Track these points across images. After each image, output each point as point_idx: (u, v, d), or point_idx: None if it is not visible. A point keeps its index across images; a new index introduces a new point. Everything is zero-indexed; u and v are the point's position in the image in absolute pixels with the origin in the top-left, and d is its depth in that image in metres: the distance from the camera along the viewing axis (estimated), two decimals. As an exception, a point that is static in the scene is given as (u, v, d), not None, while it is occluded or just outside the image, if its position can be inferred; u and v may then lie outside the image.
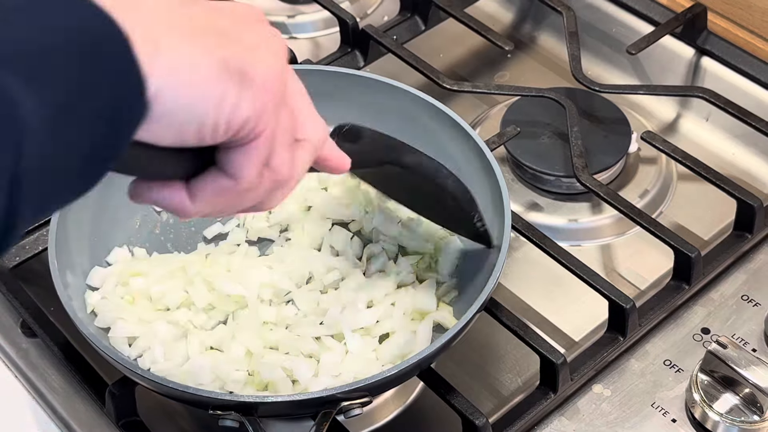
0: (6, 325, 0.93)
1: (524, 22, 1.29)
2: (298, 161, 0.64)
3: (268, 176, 0.61)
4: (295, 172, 0.64)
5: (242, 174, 0.59)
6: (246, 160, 0.59)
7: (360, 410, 0.77)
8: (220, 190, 0.60)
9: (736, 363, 0.83)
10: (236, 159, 0.59)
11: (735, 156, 1.12)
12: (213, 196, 0.60)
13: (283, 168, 0.62)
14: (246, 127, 0.57)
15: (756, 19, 1.15)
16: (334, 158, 0.72)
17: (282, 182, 0.62)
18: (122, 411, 0.85)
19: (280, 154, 0.61)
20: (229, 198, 0.61)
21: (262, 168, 0.60)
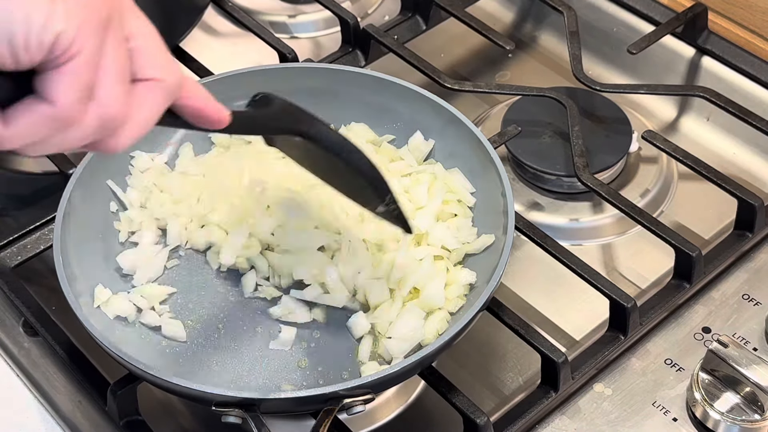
0: (8, 324, 0.93)
1: (525, 21, 1.29)
2: (140, 100, 0.60)
3: (95, 110, 0.57)
4: (136, 111, 0.60)
5: (57, 97, 0.55)
6: (61, 81, 0.55)
7: (362, 408, 0.77)
8: (35, 115, 0.56)
9: (737, 362, 0.83)
10: (51, 80, 0.55)
11: (736, 155, 1.12)
12: (28, 121, 0.56)
13: (112, 102, 0.57)
14: (60, 43, 0.54)
15: (756, 19, 1.15)
16: (208, 108, 0.67)
17: (116, 119, 0.58)
18: (124, 410, 0.85)
19: (109, 86, 0.57)
20: (48, 126, 0.56)
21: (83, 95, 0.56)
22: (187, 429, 0.90)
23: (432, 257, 0.89)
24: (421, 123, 0.97)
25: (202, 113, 0.67)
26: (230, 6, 1.19)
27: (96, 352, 0.86)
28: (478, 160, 0.92)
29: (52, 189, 0.98)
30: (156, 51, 0.61)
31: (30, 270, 0.97)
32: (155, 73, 0.61)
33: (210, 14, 1.26)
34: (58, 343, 0.90)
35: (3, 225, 1.00)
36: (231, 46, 1.26)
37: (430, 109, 0.96)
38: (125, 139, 0.60)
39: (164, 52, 0.62)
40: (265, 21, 1.27)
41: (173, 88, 0.62)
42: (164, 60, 0.61)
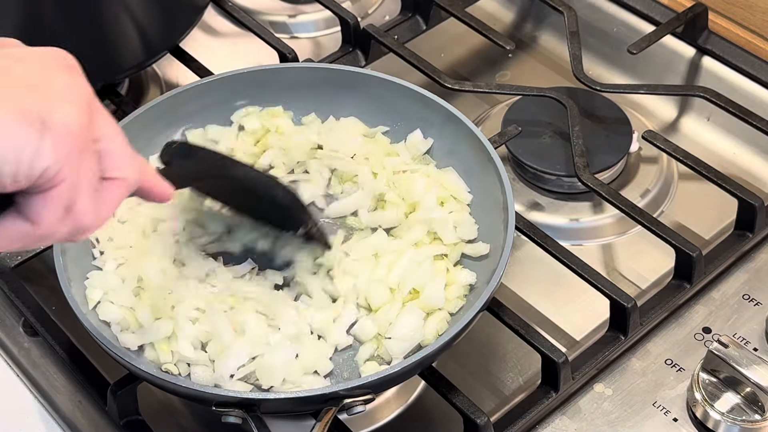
0: (8, 324, 0.93)
1: (525, 21, 1.29)
2: (106, 202, 0.64)
3: (70, 222, 0.61)
4: (101, 213, 0.64)
5: (40, 220, 0.60)
6: (45, 207, 0.59)
7: (362, 408, 0.78)
8: (17, 233, 0.61)
9: (738, 362, 0.83)
10: (35, 205, 0.59)
11: (736, 155, 1.12)
12: (9, 235, 0.61)
13: (85, 216, 0.62)
14: (46, 175, 0.58)
15: (757, 19, 1.15)
16: (156, 188, 0.72)
17: (84, 227, 0.63)
18: (124, 410, 0.85)
19: (83, 201, 0.61)
20: (27, 240, 0.61)
21: (63, 216, 0.61)
22: (187, 429, 0.90)
23: (432, 258, 0.89)
24: (422, 123, 0.97)
25: (151, 193, 0.72)
26: (230, 6, 1.19)
27: (96, 352, 0.86)
28: (478, 160, 0.92)
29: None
30: (121, 152, 0.65)
31: (30, 270, 0.97)
32: (120, 173, 0.65)
33: (210, 14, 1.26)
34: (58, 343, 0.90)
35: (3, 225, 1.00)
36: (231, 46, 1.26)
37: (430, 109, 0.96)
38: (87, 234, 0.64)
39: (127, 150, 0.66)
40: (265, 21, 1.27)
41: (135, 183, 0.67)
42: (128, 159, 0.66)
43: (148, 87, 1.20)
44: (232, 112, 1.00)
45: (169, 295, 0.85)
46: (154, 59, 1.11)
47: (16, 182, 0.57)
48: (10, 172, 0.56)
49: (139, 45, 1.08)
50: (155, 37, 1.10)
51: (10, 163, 0.56)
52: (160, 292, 0.85)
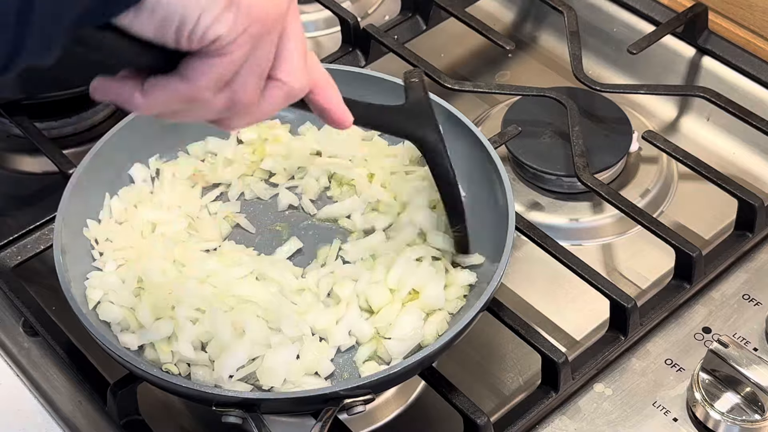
0: (8, 324, 0.93)
1: (525, 21, 1.29)
2: (266, 95, 0.66)
3: (227, 95, 0.63)
4: (259, 102, 0.66)
5: (195, 79, 0.61)
6: (203, 69, 0.61)
7: (363, 408, 0.78)
8: (171, 90, 0.62)
9: (738, 362, 0.83)
10: (195, 65, 0.61)
11: (736, 155, 1.12)
12: (163, 95, 0.62)
13: (244, 92, 0.64)
14: (217, 43, 0.60)
15: (757, 19, 1.15)
16: (335, 110, 0.74)
17: (241, 105, 0.64)
18: (124, 410, 0.85)
19: (246, 78, 0.63)
20: (179, 101, 0.63)
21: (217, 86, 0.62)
22: (187, 429, 0.90)
23: (430, 258, 0.89)
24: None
25: (327, 113, 0.74)
26: (230, 6, 1.19)
27: (96, 352, 0.86)
28: (478, 160, 0.92)
29: (52, 189, 0.98)
30: (296, 57, 0.67)
31: (30, 270, 0.97)
32: (287, 77, 0.67)
33: (210, 14, 1.26)
34: (58, 343, 0.90)
35: (3, 225, 1.00)
36: (231, 46, 1.26)
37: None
38: (242, 123, 0.68)
39: (302, 59, 0.67)
40: (265, 21, 1.26)
41: (296, 93, 0.68)
42: (298, 67, 0.67)
43: (148, 87, 1.20)
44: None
45: (169, 295, 0.85)
46: (154, 59, 1.11)
47: (190, 41, 0.59)
48: (187, 30, 0.58)
49: (139, 45, 1.08)
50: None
51: (190, 21, 0.58)
52: (160, 293, 0.85)
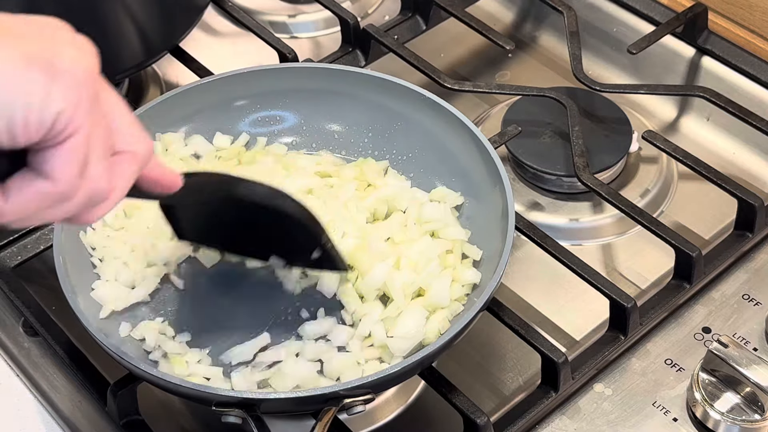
0: (8, 324, 0.93)
1: (525, 21, 1.29)
2: (119, 174, 0.62)
3: (86, 185, 0.59)
4: (115, 185, 0.61)
5: (59, 175, 0.57)
6: (62, 159, 0.56)
7: (362, 408, 0.78)
8: (35, 191, 0.57)
9: (738, 362, 0.83)
10: (52, 159, 0.56)
11: (736, 155, 1.12)
12: (28, 196, 0.57)
13: (100, 178, 0.59)
14: (60, 122, 0.55)
15: (756, 19, 1.15)
16: (163, 176, 0.70)
17: (99, 194, 0.60)
18: (124, 410, 0.85)
19: (97, 163, 0.59)
20: (46, 201, 0.58)
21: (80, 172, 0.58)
22: (187, 429, 0.90)
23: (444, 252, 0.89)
24: (421, 123, 0.97)
25: (159, 181, 0.70)
26: (230, 6, 1.19)
27: (96, 352, 0.86)
28: (478, 160, 0.92)
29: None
30: (129, 123, 0.63)
31: (30, 270, 0.97)
32: (131, 146, 0.63)
33: (210, 14, 1.26)
34: (58, 343, 0.90)
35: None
36: (231, 46, 1.26)
37: (429, 109, 0.96)
38: (102, 211, 0.63)
39: (136, 124, 0.64)
40: (265, 21, 1.27)
41: (146, 158, 0.65)
42: (137, 132, 0.64)
43: (148, 87, 1.20)
44: (232, 112, 1.00)
45: None
46: (154, 59, 1.11)
47: (27, 132, 0.54)
48: (21, 118, 0.53)
49: (138, 45, 1.08)
50: (155, 37, 1.10)
51: (20, 108, 0.53)
52: None
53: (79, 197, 0.59)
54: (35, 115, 0.54)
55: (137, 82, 1.20)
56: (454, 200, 0.94)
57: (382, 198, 0.93)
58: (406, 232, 0.91)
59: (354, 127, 1.00)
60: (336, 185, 0.95)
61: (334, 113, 1.00)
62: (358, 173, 0.96)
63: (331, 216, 0.90)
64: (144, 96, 1.19)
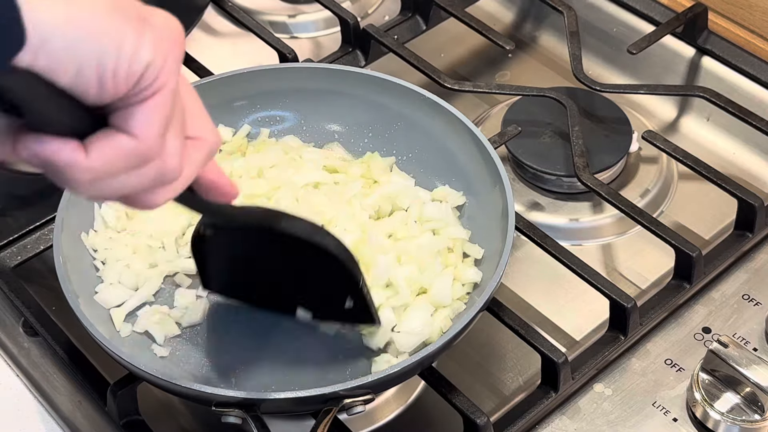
0: (8, 324, 0.93)
1: (525, 21, 1.29)
2: (188, 157, 0.61)
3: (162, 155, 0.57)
4: (184, 167, 0.60)
5: (143, 132, 0.56)
6: (147, 116, 0.55)
7: (362, 408, 0.78)
8: (117, 148, 0.56)
9: (738, 362, 0.83)
10: (137, 114, 0.55)
11: (736, 155, 1.12)
12: (109, 153, 0.56)
13: (175, 153, 0.58)
14: (148, 74, 0.54)
15: (757, 19, 1.15)
16: (221, 181, 0.69)
17: (172, 171, 0.59)
18: (124, 410, 0.85)
19: (173, 136, 0.58)
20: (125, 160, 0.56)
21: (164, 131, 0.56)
22: (187, 429, 0.90)
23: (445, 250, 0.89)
24: (421, 123, 0.97)
25: (216, 185, 0.68)
26: (230, 6, 1.19)
27: (96, 352, 0.86)
28: (478, 160, 0.92)
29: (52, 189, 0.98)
30: (201, 111, 0.63)
31: (30, 270, 0.97)
32: (202, 132, 0.62)
33: (210, 14, 1.26)
34: (58, 343, 0.90)
35: (3, 225, 1.00)
36: (231, 46, 1.26)
37: (430, 109, 0.96)
38: (168, 194, 0.61)
39: (207, 113, 0.63)
40: (265, 21, 1.27)
41: (215, 148, 0.64)
42: (208, 121, 0.63)
43: (147, 87, 1.20)
44: (232, 112, 1.00)
45: None
46: (154, 59, 1.11)
47: (116, 82, 0.53)
48: (111, 67, 0.52)
49: (139, 45, 1.08)
50: (155, 37, 1.10)
51: (110, 55, 0.52)
52: None
53: (156, 166, 0.57)
54: (124, 63, 0.53)
55: (137, 82, 1.20)
56: (456, 200, 0.94)
57: (386, 195, 0.94)
58: (407, 230, 0.91)
59: (354, 127, 1.00)
60: (342, 182, 0.95)
61: (334, 113, 1.00)
62: (365, 170, 0.96)
63: (334, 212, 0.91)
64: (144, 96, 1.18)
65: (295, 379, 0.84)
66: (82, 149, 0.55)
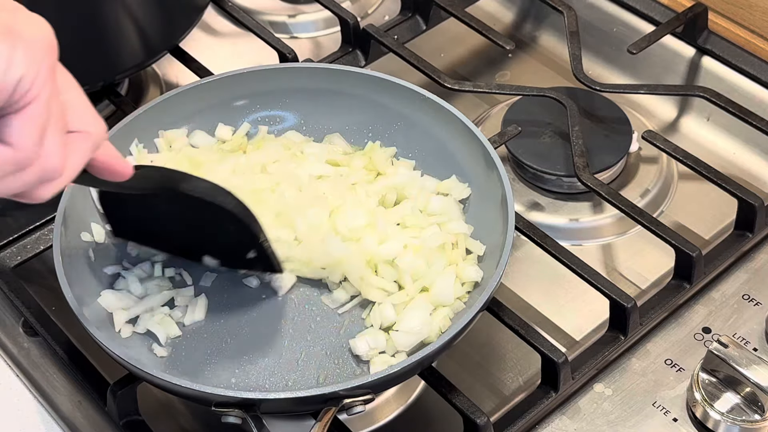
0: (8, 324, 0.93)
1: (525, 21, 1.29)
2: (72, 152, 0.62)
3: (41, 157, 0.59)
4: (68, 162, 0.61)
5: (19, 141, 0.57)
6: (23, 126, 0.57)
7: (362, 408, 0.78)
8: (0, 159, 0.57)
9: (738, 362, 0.83)
10: (12, 125, 0.56)
11: (736, 155, 1.12)
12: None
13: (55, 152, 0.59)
14: (21, 87, 0.55)
15: (757, 19, 1.15)
16: (115, 162, 0.70)
17: (54, 169, 0.60)
18: (124, 410, 0.85)
19: (52, 136, 0.59)
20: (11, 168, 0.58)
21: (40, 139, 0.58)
22: (187, 429, 0.90)
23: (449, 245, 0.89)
24: (421, 123, 0.97)
25: (108, 166, 0.70)
26: (230, 6, 1.19)
27: (96, 352, 0.86)
28: (478, 161, 0.92)
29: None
30: (84, 104, 0.63)
31: (30, 270, 0.97)
32: (85, 126, 0.63)
33: (210, 14, 1.26)
34: (58, 343, 0.90)
35: (3, 225, 1.00)
36: (231, 46, 1.26)
37: (430, 109, 0.96)
38: (54, 189, 0.62)
39: (90, 105, 0.64)
40: (265, 21, 1.27)
41: (99, 140, 0.65)
42: (91, 113, 0.64)
43: (148, 87, 1.20)
44: (232, 112, 1.00)
45: None
46: (154, 59, 1.11)
47: None
48: None
49: (139, 45, 1.08)
50: (155, 37, 1.10)
51: None
52: None
53: (35, 169, 0.59)
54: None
55: (137, 82, 1.20)
56: (461, 192, 0.94)
57: (391, 186, 0.94)
58: (415, 219, 0.91)
59: (354, 127, 1.00)
60: (345, 174, 0.95)
61: (334, 113, 1.00)
62: (366, 162, 0.96)
63: (341, 200, 0.91)
64: (144, 96, 1.19)
65: (295, 379, 0.84)
66: None
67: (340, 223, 0.90)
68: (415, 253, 0.88)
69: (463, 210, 0.94)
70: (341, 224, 0.90)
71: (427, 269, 0.87)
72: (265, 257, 0.86)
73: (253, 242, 0.85)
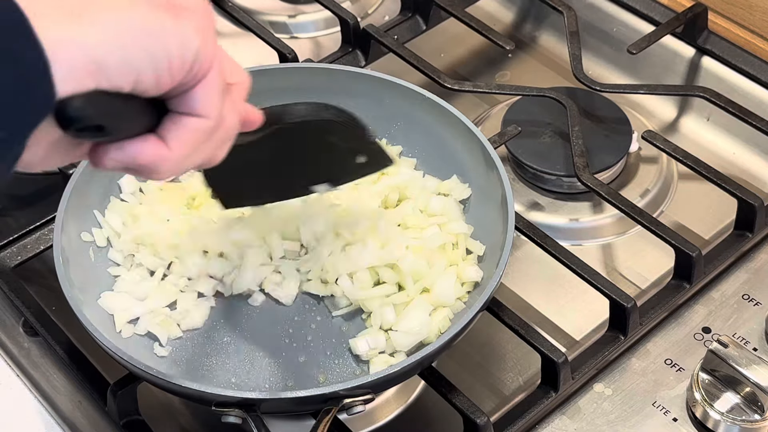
0: (8, 324, 0.93)
1: (525, 21, 1.29)
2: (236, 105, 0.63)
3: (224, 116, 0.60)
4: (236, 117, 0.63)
5: (209, 109, 0.58)
6: (208, 94, 0.58)
7: (362, 408, 0.78)
8: (193, 130, 0.59)
9: (737, 362, 0.83)
10: (198, 96, 0.58)
11: (736, 155, 1.12)
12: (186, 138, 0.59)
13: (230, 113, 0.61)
14: (199, 58, 0.56)
15: (756, 19, 1.15)
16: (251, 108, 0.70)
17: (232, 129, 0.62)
18: (124, 410, 0.85)
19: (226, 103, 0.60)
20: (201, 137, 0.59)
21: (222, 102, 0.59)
22: (187, 429, 0.90)
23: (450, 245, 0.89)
24: (421, 123, 0.97)
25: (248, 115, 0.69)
26: (230, 6, 1.19)
27: (96, 352, 0.86)
28: (478, 161, 0.92)
29: (52, 189, 0.98)
30: (227, 55, 0.64)
31: (30, 270, 0.97)
32: (236, 77, 0.64)
33: (210, 14, 1.26)
34: (58, 343, 0.90)
35: (3, 225, 1.00)
36: (231, 46, 1.25)
37: (430, 109, 0.96)
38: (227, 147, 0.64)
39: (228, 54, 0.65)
40: (265, 21, 1.27)
41: (248, 88, 0.66)
42: (234, 62, 0.65)
43: (148, 87, 1.20)
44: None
45: None
46: (154, 59, 1.11)
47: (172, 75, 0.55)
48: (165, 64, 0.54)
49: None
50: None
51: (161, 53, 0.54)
52: None
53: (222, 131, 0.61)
54: (177, 58, 0.55)
55: (137, 82, 1.20)
56: (462, 192, 0.94)
57: (393, 186, 0.94)
58: (416, 219, 0.91)
59: (354, 127, 1.00)
60: None
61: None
62: None
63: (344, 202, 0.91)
64: (144, 96, 1.18)
65: (295, 378, 0.84)
66: (161, 142, 0.58)
67: (344, 228, 0.90)
68: (417, 255, 0.88)
69: (463, 210, 0.94)
70: (345, 229, 0.90)
71: (428, 270, 0.87)
72: (375, 154, 0.82)
73: (362, 144, 0.81)
